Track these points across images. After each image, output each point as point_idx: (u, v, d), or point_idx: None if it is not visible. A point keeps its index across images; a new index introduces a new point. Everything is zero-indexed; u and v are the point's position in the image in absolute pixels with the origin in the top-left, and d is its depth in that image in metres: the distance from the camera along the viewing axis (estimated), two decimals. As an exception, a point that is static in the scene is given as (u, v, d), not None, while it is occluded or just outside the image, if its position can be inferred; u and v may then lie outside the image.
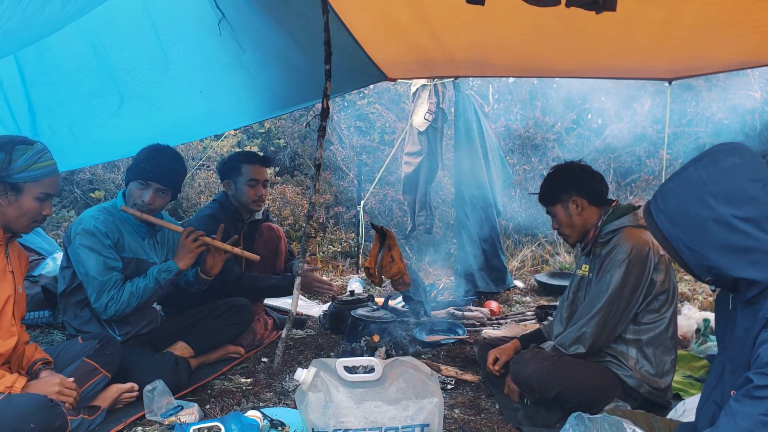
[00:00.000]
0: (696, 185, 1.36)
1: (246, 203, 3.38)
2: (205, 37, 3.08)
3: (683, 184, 1.40)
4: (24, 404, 1.84)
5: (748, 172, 1.32)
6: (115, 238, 2.65)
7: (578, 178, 2.49)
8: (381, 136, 8.16)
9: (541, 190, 2.57)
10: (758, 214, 1.30)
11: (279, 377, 2.82)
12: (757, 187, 1.31)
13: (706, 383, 1.56)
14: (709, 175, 1.35)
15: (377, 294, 4.44)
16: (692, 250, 1.38)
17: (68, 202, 6.89)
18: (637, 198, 6.80)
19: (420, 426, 1.79)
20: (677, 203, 1.40)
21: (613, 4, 1.92)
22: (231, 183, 3.39)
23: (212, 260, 2.83)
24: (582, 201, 2.46)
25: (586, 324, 2.36)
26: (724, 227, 1.32)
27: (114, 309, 2.56)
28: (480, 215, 4.65)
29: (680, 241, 1.40)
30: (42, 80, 3.15)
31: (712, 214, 1.33)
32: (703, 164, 1.37)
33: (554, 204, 2.52)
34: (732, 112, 6.79)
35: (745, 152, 1.35)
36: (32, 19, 1.82)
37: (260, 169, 3.40)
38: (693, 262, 1.41)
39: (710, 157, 1.37)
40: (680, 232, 1.40)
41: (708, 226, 1.34)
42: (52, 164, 2.11)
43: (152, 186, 2.68)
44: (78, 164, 5.24)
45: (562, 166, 2.57)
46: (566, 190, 2.48)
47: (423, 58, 3.70)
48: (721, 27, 2.73)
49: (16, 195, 2.05)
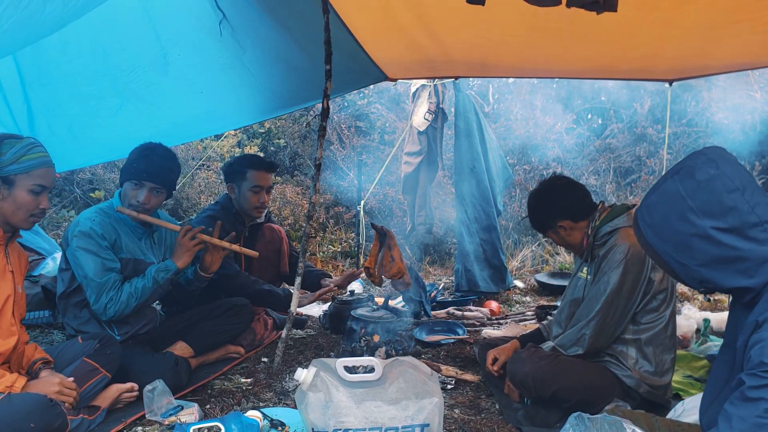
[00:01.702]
0: (675, 200, 1.37)
1: (248, 209, 3.39)
2: (205, 37, 3.08)
3: (663, 199, 1.40)
4: (24, 404, 1.84)
5: (725, 183, 1.32)
6: (112, 239, 2.64)
7: (559, 203, 2.47)
8: (381, 136, 8.16)
9: (531, 220, 2.60)
10: (740, 223, 1.30)
11: (279, 377, 2.82)
12: (735, 197, 1.31)
13: (708, 383, 1.55)
14: (686, 190, 1.35)
15: (377, 294, 4.44)
16: (681, 263, 1.39)
17: (68, 202, 6.89)
18: (637, 198, 6.80)
19: (420, 426, 1.79)
20: (660, 218, 1.40)
21: (614, 4, 1.92)
22: (235, 187, 3.39)
23: (211, 258, 2.83)
24: (567, 222, 2.47)
25: (585, 326, 2.36)
26: (708, 242, 1.32)
27: (113, 310, 2.56)
28: (480, 215, 4.64)
29: (669, 256, 1.41)
30: (41, 81, 3.16)
31: (694, 229, 1.34)
32: (679, 177, 1.37)
33: (545, 231, 2.56)
34: (732, 112, 6.79)
35: (721, 161, 1.35)
36: (32, 19, 1.82)
37: (265, 175, 3.39)
38: (684, 274, 1.41)
39: (686, 170, 1.37)
40: (667, 247, 1.40)
41: (692, 242, 1.35)
42: (43, 156, 2.10)
43: (146, 185, 2.67)
44: (78, 164, 5.24)
45: (541, 193, 2.54)
46: (551, 218, 2.49)
47: (423, 58, 3.70)
48: (721, 27, 2.73)
49: (9, 189, 2.05)
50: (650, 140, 7.29)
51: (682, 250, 1.38)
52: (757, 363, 1.23)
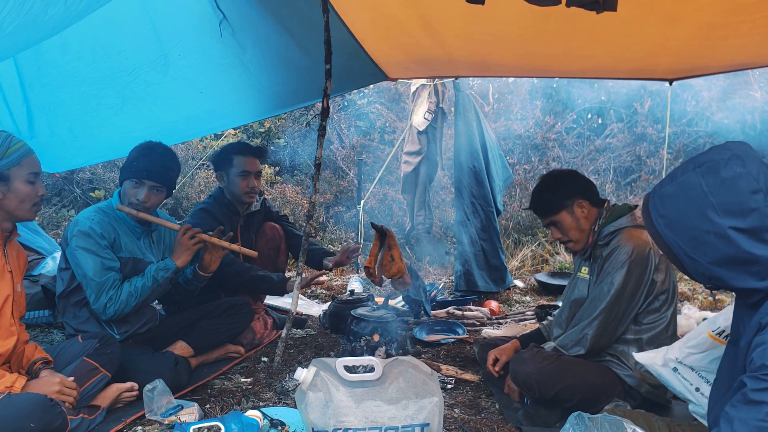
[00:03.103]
0: (695, 194, 1.33)
1: (238, 195, 3.37)
2: (206, 38, 3.08)
3: (682, 191, 1.36)
4: (24, 403, 1.84)
5: (749, 183, 1.28)
6: (111, 238, 2.64)
7: (577, 182, 2.49)
8: (381, 136, 8.16)
9: (541, 201, 2.50)
10: (759, 225, 1.27)
11: (279, 377, 2.82)
12: (758, 198, 1.27)
13: (715, 381, 1.53)
14: (709, 185, 1.31)
15: (377, 294, 4.44)
16: (692, 258, 1.36)
17: (68, 202, 6.89)
18: (636, 198, 6.80)
19: (420, 425, 1.79)
20: (676, 211, 1.37)
21: (614, 4, 1.92)
22: (223, 174, 3.38)
23: (210, 257, 2.83)
24: (586, 203, 2.44)
25: (587, 326, 2.36)
26: (724, 241, 1.30)
27: (113, 309, 2.56)
28: (480, 215, 4.64)
29: (680, 249, 1.38)
30: (41, 81, 3.16)
31: (712, 227, 1.30)
32: (702, 171, 1.33)
33: (559, 211, 2.45)
34: (732, 112, 6.80)
35: (747, 159, 1.31)
36: (35, 22, 1.82)
37: (252, 160, 3.36)
38: (693, 269, 1.39)
39: (710, 165, 1.33)
40: (680, 240, 1.37)
41: (708, 239, 1.32)
42: (24, 145, 2.12)
43: (146, 184, 2.67)
44: (78, 164, 5.24)
45: (555, 174, 2.54)
46: (570, 194, 2.44)
47: (423, 58, 3.70)
48: (721, 27, 2.73)
49: (6, 184, 2.06)
50: (650, 140, 7.29)
51: (695, 245, 1.35)
52: (759, 366, 1.22)
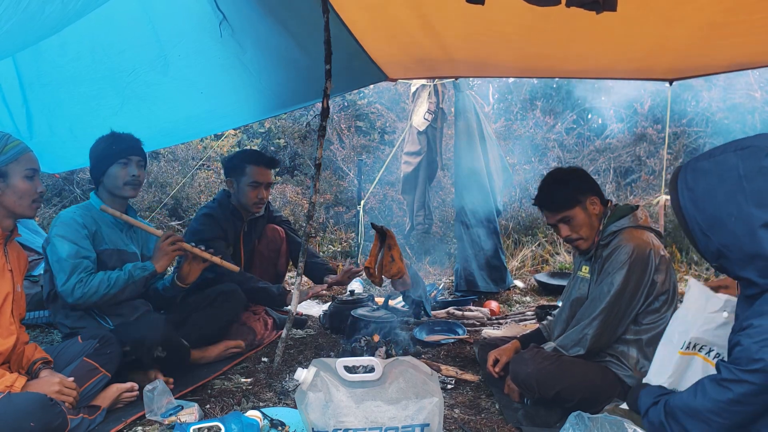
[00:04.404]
0: (730, 176, 1.32)
1: (246, 204, 3.37)
2: (205, 38, 3.08)
3: (717, 169, 1.35)
4: (24, 403, 1.84)
5: None
6: (92, 229, 2.63)
7: (587, 177, 2.50)
8: (381, 136, 8.17)
9: (555, 196, 2.45)
10: None
11: (279, 377, 2.82)
12: None
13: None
14: (746, 170, 1.30)
15: (377, 294, 4.44)
16: (706, 235, 1.37)
17: (68, 202, 6.89)
18: (636, 198, 6.80)
19: (420, 426, 1.79)
20: (705, 187, 1.36)
21: (614, 4, 1.92)
22: (233, 182, 3.38)
23: (189, 268, 2.79)
24: (597, 199, 2.45)
25: (587, 326, 2.35)
26: (743, 228, 1.30)
27: (81, 291, 2.48)
28: (480, 215, 4.64)
29: (696, 224, 1.39)
30: (41, 82, 3.16)
31: (736, 212, 1.30)
32: (743, 155, 1.32)
33: (574, 206, 2.41)
34: (732, 112, 6.80)
35: None
36: (32, 20, 1.82)
37: (265, 171, 3.37)
38: (704, 246, 1.40)
39: (753, 149, 1.31)
40: (699, 216, 1.38)
41: (728, 222, 1.32)
42: (21, 143, 2.15)
43: (133, 160, 2.71)
44: (78, 164, 5.22)
45: (565, 170, 2.55)
46: (583, 189, 2.43)
47: (423, 58, 3.70)
48: (721, 27, 2.73)
49: (5, 181, 2.07)
50: (650, 140, 7.29)
51: (713, 225, 1.35)
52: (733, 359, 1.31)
